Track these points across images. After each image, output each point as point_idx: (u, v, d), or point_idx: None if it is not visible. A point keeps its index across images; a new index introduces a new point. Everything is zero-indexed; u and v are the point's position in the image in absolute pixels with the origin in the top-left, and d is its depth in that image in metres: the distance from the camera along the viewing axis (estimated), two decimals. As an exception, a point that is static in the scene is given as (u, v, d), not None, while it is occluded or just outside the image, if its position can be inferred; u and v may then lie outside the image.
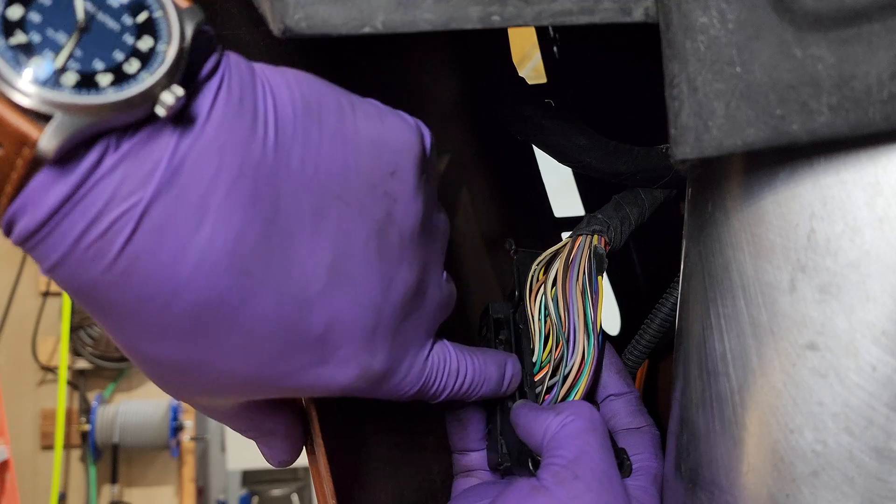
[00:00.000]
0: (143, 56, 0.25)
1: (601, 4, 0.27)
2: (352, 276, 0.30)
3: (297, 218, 0.28)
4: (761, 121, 0.25)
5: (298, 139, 0.28)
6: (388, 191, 0.31)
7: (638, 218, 0.47)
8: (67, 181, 0.24)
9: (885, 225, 0.25)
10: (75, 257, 0.25)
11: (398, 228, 0.31)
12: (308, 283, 0.29)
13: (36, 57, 0.24)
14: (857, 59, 0.25)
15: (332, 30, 0.29)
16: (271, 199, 0.27)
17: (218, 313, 0.27)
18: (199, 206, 0.26)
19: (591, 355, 0.41)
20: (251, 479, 3.34)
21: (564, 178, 0.66)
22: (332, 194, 0.29)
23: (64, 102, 0.24)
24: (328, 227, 0.29)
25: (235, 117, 0.27)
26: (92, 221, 0.25)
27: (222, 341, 0.28)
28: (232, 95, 0.27)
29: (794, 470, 0.27)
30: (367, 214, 0.30)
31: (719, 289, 0.30)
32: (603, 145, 0.47)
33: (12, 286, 3.07)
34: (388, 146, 0.31)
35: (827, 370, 0.27)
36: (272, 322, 0.28)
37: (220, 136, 0.26)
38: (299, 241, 0.28)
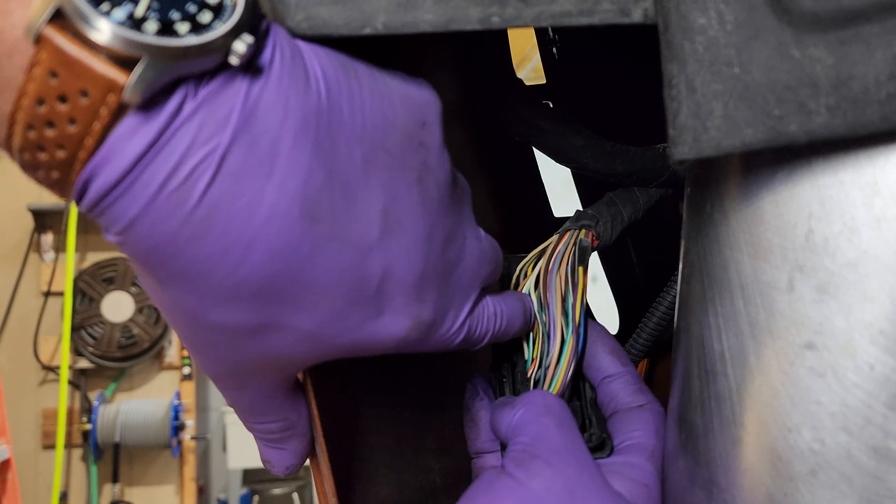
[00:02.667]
0: (213, 8, 0.26)
1: (600, 6, 0.27)
2: (402, 224, 0.31)
3: (351, 167, 0.29)
4: (759, 121, 0.25)
5: (344, 93, 0.29)
6: (422, 141, 0.32)
7: (631, 215, 0.47)
8: (152, 127, 0.25)
9: (883, 225, 0.26)
10: (156, 207, 0.26)
11: (434, 177, 0.33)
12: (367, 230, 0.30)
13: (118, 7, 0.24)
14: (855, 59, 0.25)
15: (333, 31, 0.29)
16: (330, 149, 0.28)
17: (290, 263, 0.28)
18: (271, 152, 0.27)
19: (569, 342, 0.41)
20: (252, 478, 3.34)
21: (564, 179, 0.66)
22: (377, 144, 0.30)
23: (150, 44, 0.24)
24: (378, 176, 0.30)
25: (292, 72, 0.28)
26: (175, 167, 0.25)
27: (292, 295, 0.29)
28: (286, 53, 0.28)
29: (792, 469, 0.27)
30: (407, 163, 0.31)
31: (718, 288, 0.30)
32: (600, 146, 0.47)
33: (14, 286, 3.07)
34: (415, 100, 0.32)
35: (825, 369, 0.27)
36: (338, 271, 0.29)
37: (283, 87, 0.27)
38: (357, 189, 0.29)
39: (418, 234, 0.32)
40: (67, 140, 0.25)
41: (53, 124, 0.25)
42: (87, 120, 0.25)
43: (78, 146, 0.25)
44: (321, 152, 0.28)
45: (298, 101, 0.27)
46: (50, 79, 0.24)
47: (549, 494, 0.35)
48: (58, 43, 0.24)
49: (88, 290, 3.15)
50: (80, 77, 0.24)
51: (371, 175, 0.30)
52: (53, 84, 0.24)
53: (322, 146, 0.28)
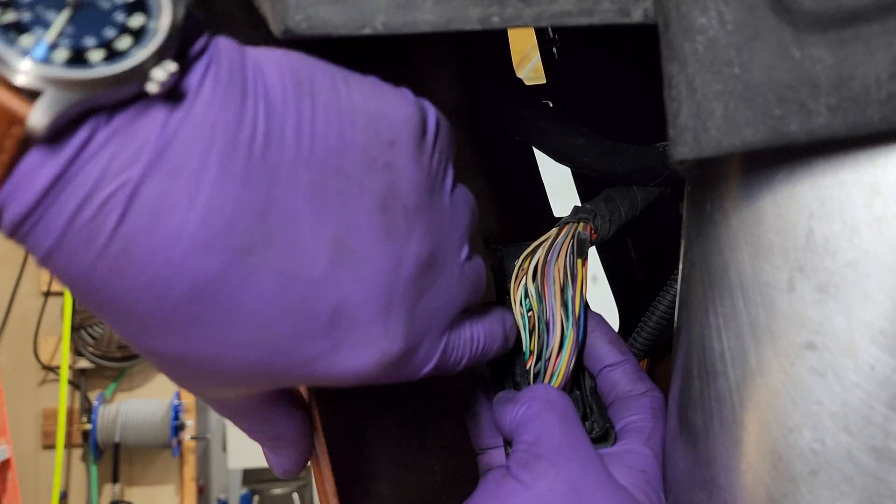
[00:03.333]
0: (134, 33, 0.25)
1: (600, 5, 0.27)
2: (357, 253, 0.29)
3: (295, 194, 0.27)
4: (760, 121, 0.25)
5: (291, 114, 0.28)
6: (388, 162, 0.30)
7: (629, 210, 0.47)
8: (58, 159, 0.24)
9: (884, 225, 0.26)
10: (69, 241, 0.25)
11: (402, 202, 0.30)
12: (312, 261, 0.28)
13: (26, 34, 0.24)
14: (855, 59, 0.25)
15: (332, 31, 0.29)
16: (267, 175, 0.27)
17: (219, 296, 0.27)
18: (192, 182, 0.25)
19: (569, 336, 0.41)
20: (252, 478, 3.34)
21: (564, 178, 0.66)
22: (330, 168, 0.28)
23: (54, 77, 0.23)
24: (329, 203, 0.28)
25: (225, 94, 0.26)
26: (84, 200, 0.24)
27: (227, 328, 0.27)
28: (221, 74, 0.26)
29: (792, 469, 0.27)
30: (368, 189, 0.29)
31: (718, 288, 0.30)
32: (600, 145, 0.47)
33: (14, 286, 3.07)
34: (385, 117, 0.30)
35: (825, 369, 0.27)
36: (278, 304, 0.28)
37: (211, 113, 0.26)
38: (300, 218, 0.28)
39: (379, 263, 0.30)
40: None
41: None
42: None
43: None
44: (254, 179, 0.26)
45: (228, 126, 0.26)
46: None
47: (554, 495, 0.35)
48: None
49: (88, 289, 3.14)
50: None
51: (321, 201, 0.28)
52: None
53: (256, 172, 0.26)
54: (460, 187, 0.34)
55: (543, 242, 0.44)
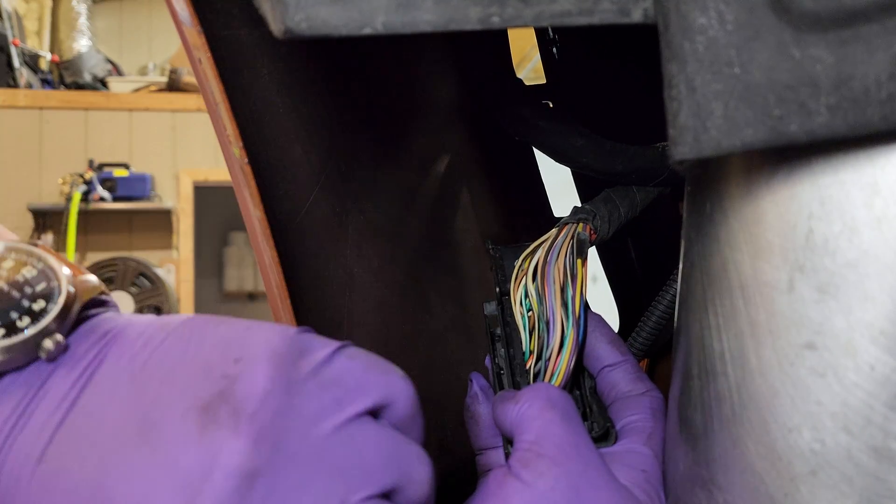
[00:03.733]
0: (34, 314, 0.30)
1: (600, 5, 0.27)
2: (162, 440, 0.27)
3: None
4: (760, 121, 0.25)
5: (149, 346, 0.31)
6: (227, 373, 0.29)
7: (628, 210, 0.47)
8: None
9: (884, 225, 0.26)
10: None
11: (233, 405, 0.28)
12: (117, 449, 0.28)
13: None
14: (855, 59, 0.25)
15: (332, 31, 0.29)
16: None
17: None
18: (37, 432, 0.29)
19: (569, 335, 0.41)
20: (252, 479, 3.32)
21: (564, 178, 0.66)
22: (155, 379, 0.29)
23: None
24: (141, 403, 0.29)
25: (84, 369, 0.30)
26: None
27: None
28: (101, 351, 0.31)
29: (792, 469, 0.27)
30: (193, 392, 0.28)
31: (718, 288, 0.30)
32: (599, 145, 0.47)
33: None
34: (242, 342, 0.30)
35: (825, 370, 0.27)
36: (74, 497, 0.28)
37: (62, 385, 0.30)
38: (108, 424, 0.29)
39: (189, 455, 0.28)
40: None
41: None
42: None
43: None
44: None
45: (62, 400, 0.29)
46: None
47: (556, 493, 0.35)
48: None
49: (88, 289, 3.14)
50: None
51: (140, 400, 0.30)
52: None
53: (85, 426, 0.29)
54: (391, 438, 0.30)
55: (543, 243, 0.44)
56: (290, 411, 0.28)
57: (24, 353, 0.30)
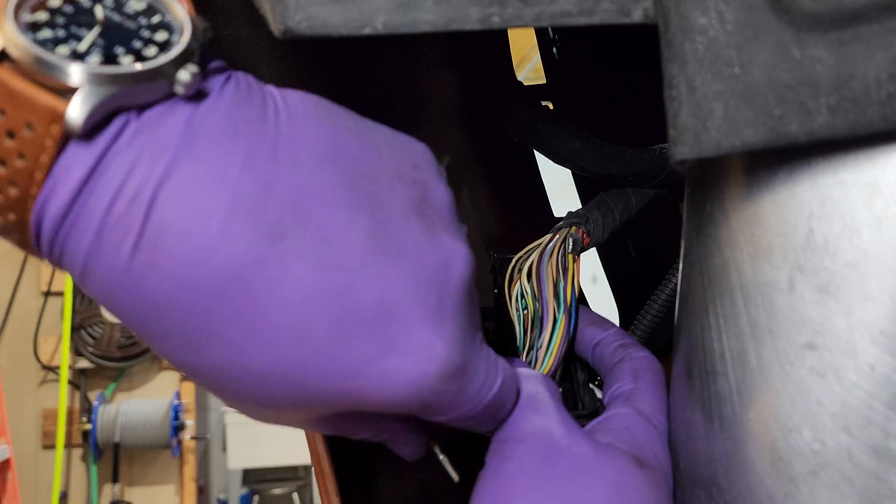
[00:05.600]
0: (160, 45, 0.27)
1: (600, 5, 0.27)
2: (401, 248, 0.29)
3: (326, 185, 0.28)
4: (760, 121, 0.25)
5: (311, 123, 0.29)
6: (416, 179, 0.31)
7: (623, 214, 0.48)
8: (91, 153, 0.25)
9: (884, 225, 0.26)
10: (104, 239, 0.26)
11: (437, 211, 0.31)
12: (350, 249, 0.28)
13: (62, 45, 0.25)
14: (855, 59, 0.25)
15: (332, 31, 0.29)
16: (294, 167, 0.27)
17: (256, 285, 0.26)
18: (219, 169, 0.26)
19: (560, 322, 0.42)
20: (252, 478, 3.34)
21: (564, 179, 0.66)
22: (357, 172, 0.29)
23: (88, 72, 0.25)
24: (361, 199, 0.28)
25: (247, 97, 0.28)
26: (116, 192, 0.25)
27: (267, 323, 0.27)
28: (241, 85, 0.28)
29: (792, 469, 0.27)
30: (400, 195, 0.30)
31: (718, 289, 0.30)
32: (597, 148, 0.47)
33: (14, 286, 3.07)
34: (404, 146, 0.32)
35: (825, 370, 0.27)
36: (318, 295, 0.27)
37: (234, 111, 0.27)
38: (333, 207, 0.28)
39: (426, 261, 0.29)
40: (18, 176, 0.25)
41: (4, 162, 0.25)
42: (34, 153, 0.25)
43: (29, 181, 0.25)
44: (281, 167, 0.27)
45: (250, 124, 0.27)
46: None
47: (524, 471, 0.32)
48: (2, 79, 0.25)
49: (88, 290, 3.14)
50: (25, 110, 0.25)
51: (351, 197, 0.28)
52: (1, 121, 0.25)
53: (282, 164, 0.27)
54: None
55: (537, 247, 0.46)
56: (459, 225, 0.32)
57: (157, 85, 0.26)
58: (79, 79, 0.25)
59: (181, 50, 0.27)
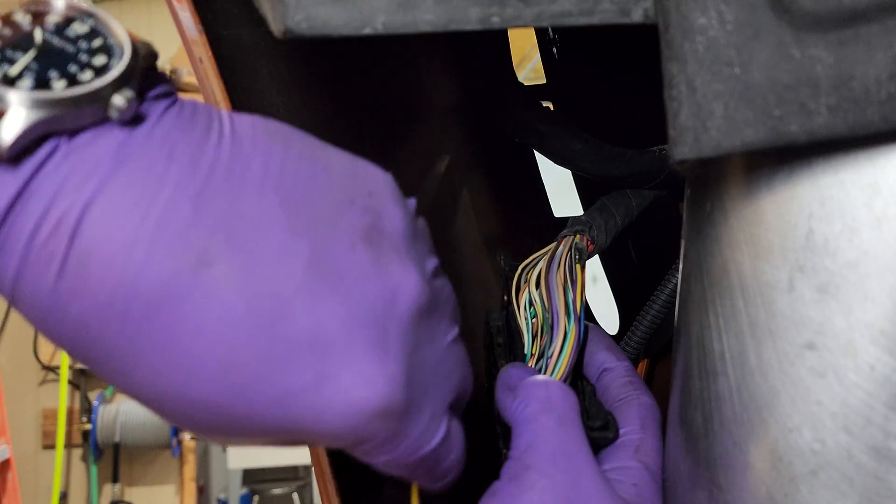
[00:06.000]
0: (97, 69, 0.27)
1: (600, 6, 0.27)
2: (341, 277, 0.28)
3: (263, 212, 0.27)
4: (760, 121, 0.25)
5: (260, 151, 0.28)
6: (369, 206, 0.30)
7: (625, 216, 0.48)
8: (18, 177, 0.25)
9: (884, 225, 0.26)
10: (30, 264, 0.25)
11: (389, 240, 0.30)
12: (283, 277, 0.27)
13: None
14: (855, 59, 0.25)
15: (332, 31, 0.29)
16: (230, 193, 0.27)
17: (181, 311, 0.26)
18: (146, 196, 0.26)
19: (571, 332, 0.42)
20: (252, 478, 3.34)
21: (564, 179, 0.66)
22: (302, 196, 0.28)
23: (17, 96, 0.25)
24: (302, 225, 0.28)
25: (187, 125, 0.27)
26: (41, 217, 0.25)
27: (194, 351, 0.26)
28: (184, 111, 0.28)
29: (792, 469, 0.27)
30: (349, 220, 0.29)
31: (718, 289, 0.30)
32: (597, 150, 0.48)
33: (13, 286, 3.07)
34: (362, 172, 0.31)
35: (825, 370, 0.27)
36: (245, 323, 0.27)
37: (171, 137, 0.27)
38: (270, 234, 0.27)
39: (369, 291, 0.29)
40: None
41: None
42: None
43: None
44: (214, 196, 0.27)
45: (188, 149, 0.27)
46: None
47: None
48: None
49: (88, 290, 3.15)
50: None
51: (292, 223, 0.28)
52: None
53: (216, 191, 0.27)
54: (443, 276, 0.34)
55: (543, 255, 0.46)
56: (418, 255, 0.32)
57: (91, 110, 0.26)
58: (6, 103, 0.25)
59: (117, 75, 0.26)
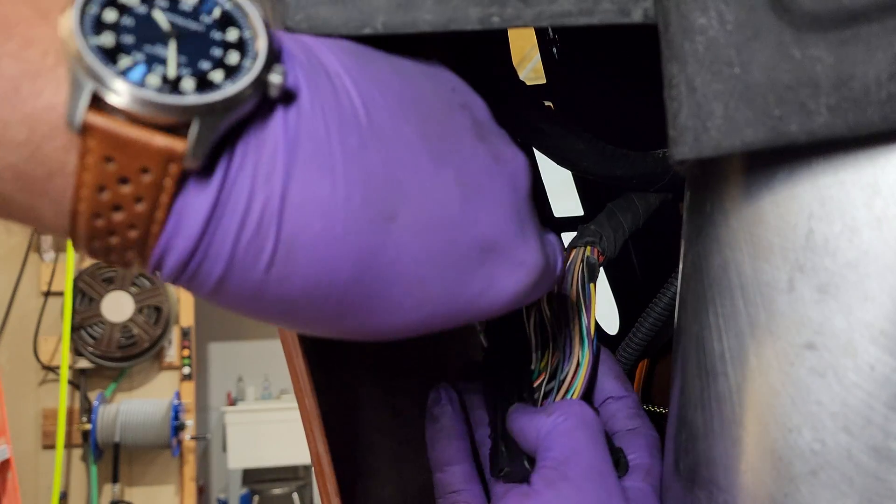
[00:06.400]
0: (237, 46, 0.25)
1: (600, 6, 0.27)
2: (480, 184, 0.30)
3: (410, 148, 0.28)
4: (760, 121, 0.25)
5: (368, 79, 0.28)
6: (461, 102, 0.32)
7: (632, 224, 0.48)
8: (212, 186, 0.24)
9: (884, 225, 0.26)
10: (238, 263, 0.25)
11: (489, 129, 0.32)
12: (446, 205, 0.29)
13: (150, 74, 0.24)
14: (855, 59, 0.25)
15: (332, 30, 0.29)
16: (379, 139, 0.27)
17: (380, 267, 0.27)
18: (325, 170, 0.26)
19: (585, 360, 0.42)
20: (252, 478, 3.34)
21: (564, 179, 0.66)
22: (423, 117, 0.29)
23: (197, 105, 0.24)
24: (438, 148, 0.29)
25: (316, 80, 0.27)
26: (243, 218, 0.25)
27: (395, 296, 0.28)
28: (304, 65, 0.27)
29: (792, 469, 0.27)
30: (461, 126, 0.31)
31: (718, 289, 0.30)
32: (600, 150, 0.47)
33: (14, 286, 3.07)
34: (436, 73, 0.32)
35: (825, 370, 0.27)
36: (433, 257, 0.29)
37: (315, 101, 0.26)
38: (423, 169, 0.28)
39: (501, 190, 0.31)
40: (137, 219, 0.24)
41: (120, 207, 0.24)
42: (153, 195, 0.24)
43: (149, 222, 0.24)
44: (372, 147, 0.27)
45: (332, 108, 0.27)
46: (106, 164, 0.23)
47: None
48: (105, 128, 0.23)
49: (88, 289, 3.15)
50: (138, 156, 0.23)
51: (431, 150, 0.29)
52: (111, 169, 0.23)
53: (370, 142, 0.27)
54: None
55: None
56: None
57: (254, 95, 0.25)
58: (188, 113, 0.24)
59: (266, 54, 0.25)
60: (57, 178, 0.24)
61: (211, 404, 3.78)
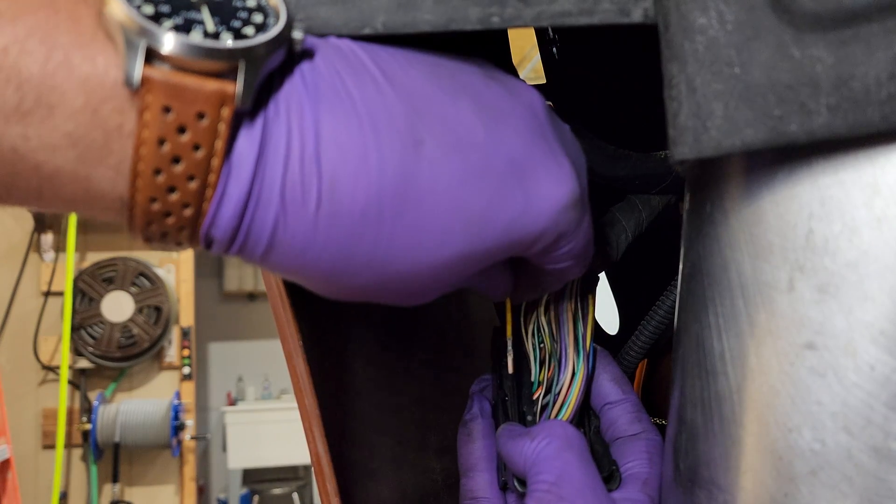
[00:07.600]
0: (259, 10, 0.28)
1: (600, 6, 0.27)
2: (499, 110, 0.31)
3: (421, 85, 0.30)
4: (760, 121, 0.25)
5: (376, 47, 0.30)
6: (465, 57, 0.33)
7: (635, 229, 0.47)
8: (256, 129, 0.26)
9: (884, 225, 0.26)
10: (288, 205, 0.27)
11: (497, 73, 0.34)
12: (471, 130, 0.30)
13: (193, 31, 0.26)
14: (855, 59, 0.25)
15: (332, 31, 0.29)
16: (389, 83, 0.29)
17: (419, 193, 0.28)
18: (349, 109, 0.28)
19: (580, 371, 0.42)
20: (252, 478, 3.34)
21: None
22: (430, 63, 0.31)
23: (244, 48, 0.26)
24: (450, 85, 0.31)
25: (323, 45, 0.29)
26: (286, 161, 0.26)
27: (438, 223, 0.29)
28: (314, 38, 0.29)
29: (792, 469, 0.27)
30: (467, 69, 0.32)
31: (718, 289, 0.30)
32: (602, 150, 0.47)
33: (14, 286, 3.07)
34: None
35: (825, 370, 0.27)
36: (467, 178, 0.30)
37: (327, 59, 0.28)
38: (437, 99, 0.30)
39: (521, 115, 0.32)
40: (197, 169, 0.26)
41: (179, 158, 0.26)
42: (209, 140, 0.26)
43: (207, 169, 0.26)
44: (385, 92, 0.29)
45: (345, 67, 0.29)
46: (164, 116, 0.25)
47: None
48: (162, 78, 0.25)
49: (88, 289, 3.15)
50: (194, 100, 0.25)
51: (443, 87, 0.30)
52: (169, 119, 0.25)
53: (383, 86, 0.29)
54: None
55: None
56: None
57: (281, 49, 0.27)
58: (235, 56, 0.25)
59: (286, 12, 0.28)
60: (114, 141, 0.25)
61: (211, 404, 3.78)
